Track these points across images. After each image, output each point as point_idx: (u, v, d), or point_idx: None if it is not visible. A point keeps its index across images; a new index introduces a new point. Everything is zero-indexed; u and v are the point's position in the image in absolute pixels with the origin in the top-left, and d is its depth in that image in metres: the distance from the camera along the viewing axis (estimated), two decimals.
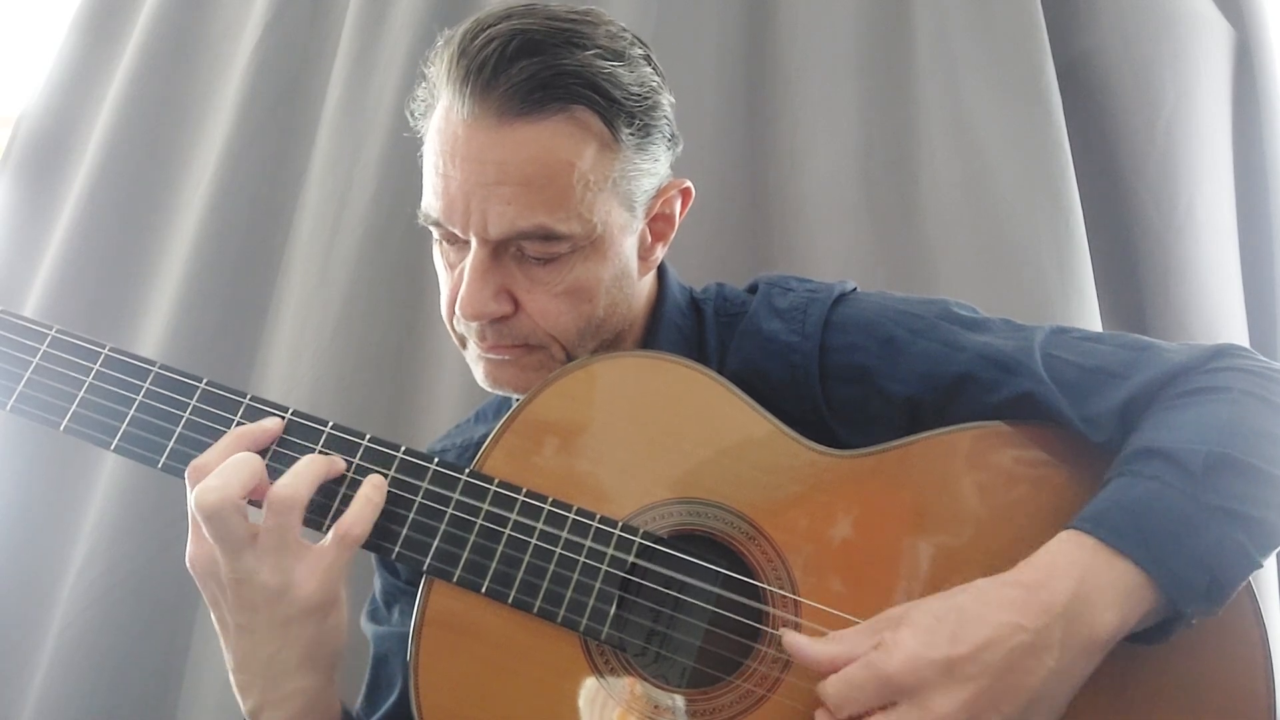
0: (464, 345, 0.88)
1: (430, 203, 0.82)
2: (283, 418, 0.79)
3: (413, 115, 0.86)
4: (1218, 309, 1.27)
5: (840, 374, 0.86)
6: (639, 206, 0.85)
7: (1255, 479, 0.68)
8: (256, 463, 0.73)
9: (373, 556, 1.00)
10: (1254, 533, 0.67)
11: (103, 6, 1.74)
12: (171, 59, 1.66)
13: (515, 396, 0.87)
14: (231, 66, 1.64)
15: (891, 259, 1.34)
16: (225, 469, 0.71)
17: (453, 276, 0.84)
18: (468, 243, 0.81)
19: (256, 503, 0.73)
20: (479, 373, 0.87)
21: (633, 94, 0.80)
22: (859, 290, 0.92)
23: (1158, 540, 0.66)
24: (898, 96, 1.41)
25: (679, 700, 0.73)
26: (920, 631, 0.65)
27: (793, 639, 0.70)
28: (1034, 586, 0.66)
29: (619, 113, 0.79)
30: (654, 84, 0.83)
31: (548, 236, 0.79)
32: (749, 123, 1.45)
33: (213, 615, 0.75)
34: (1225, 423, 0.71)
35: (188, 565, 0.73)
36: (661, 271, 0.95)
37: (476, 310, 0.80)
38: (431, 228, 0.84)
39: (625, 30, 0.83)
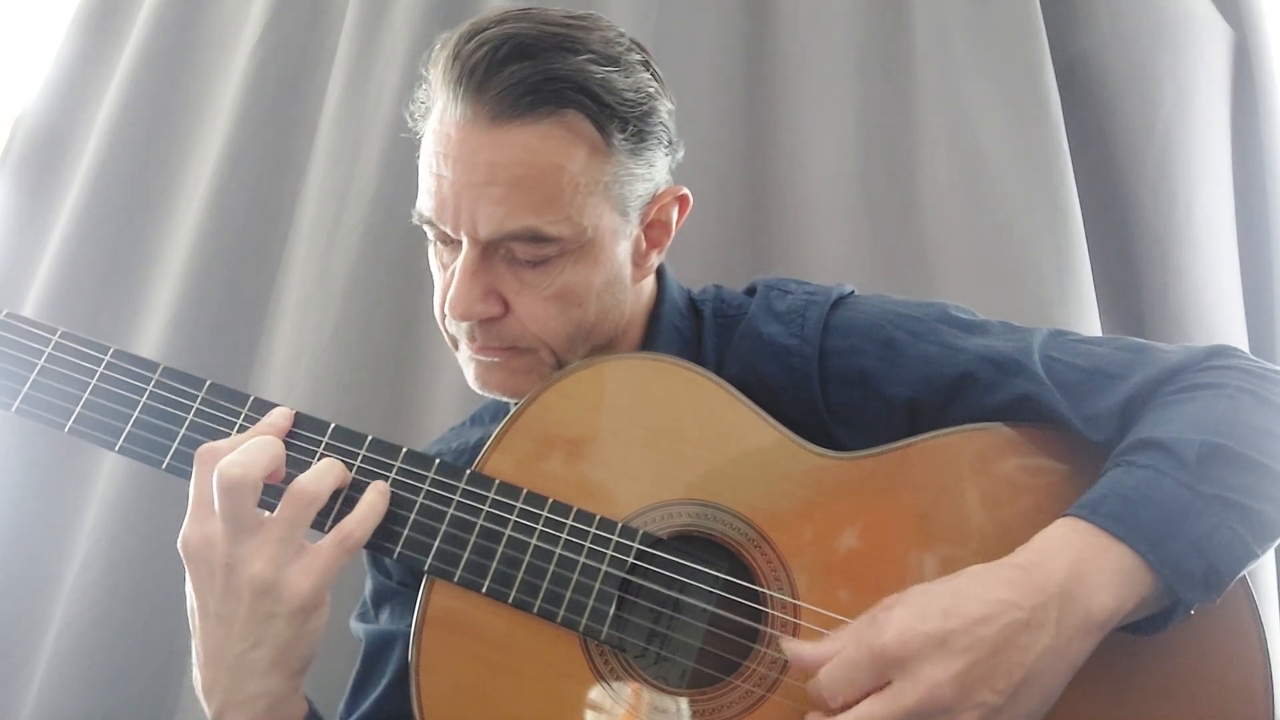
0: (456, 346, 0.88)
1: (424, 202, 0.83)
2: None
3: (412, 117, 0.87)
4: (1216, 309, 1.28)
5: (840, 377, 0.86)
6: (632, 212, 0.85)
7: (1251, 470, 0.69)
8: (279, 447, 0.73)
9: (364, 558, 1.00)
10: (1251, 522, 0.67)
11: (102, 6, 1.74)
12: (171, 58, 1.66)
13: (504, 399, 0.87)
14: (231, 66, 1.64)
15: (890, 259, 1.34)
16: (250, 447, 0.71)
17: (445, 277, 0.84)
18: (460, 243, 0.81)
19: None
20: (469, 374, 0.87)
21: (627, 99, 0.80)
22: (856, 293, 0.92)
23: (1153, 525, 0.66)
24: (897, 96, 1.41)
25: (678, 701, 0.73)
26: (913, 608, 0.66)
27: (791, 645, 0.70)
28: (1028, 567, 0.66)
29: (611, 117, 0.79)
30: (651, 90, 0.83)
31: (536, 238, 0.79)
32: (749, 123, 1.45)
33: (192, 601, 0.73)
34: (1220, 416, 0.71)
35: (179, 545, 0.71)
36: (661, 274, 0.96)
37: (465, 310, 0.81)
38: (425, 227, 0.84)
39: (623, 36, 0.83)
